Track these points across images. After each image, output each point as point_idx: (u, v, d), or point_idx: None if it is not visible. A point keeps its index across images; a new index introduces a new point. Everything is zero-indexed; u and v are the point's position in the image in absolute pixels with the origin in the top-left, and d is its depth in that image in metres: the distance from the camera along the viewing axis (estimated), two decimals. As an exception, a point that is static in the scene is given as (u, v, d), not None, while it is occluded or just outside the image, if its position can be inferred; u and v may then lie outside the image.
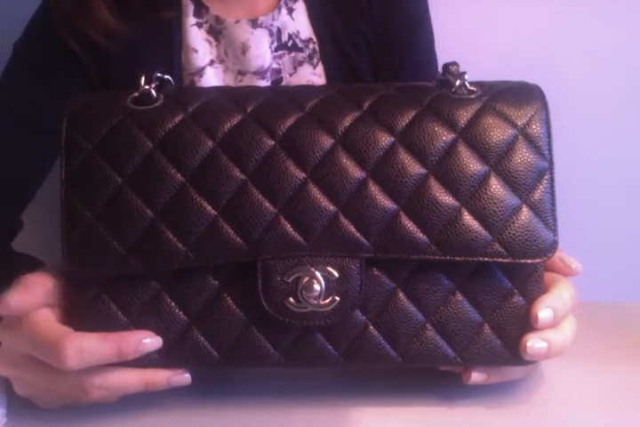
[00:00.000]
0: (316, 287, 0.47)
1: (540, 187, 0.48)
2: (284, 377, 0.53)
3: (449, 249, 0.47)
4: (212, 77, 0.75)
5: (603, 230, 0.95)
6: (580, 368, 0.55)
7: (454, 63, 0.52)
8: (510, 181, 0.48)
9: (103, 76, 0.75)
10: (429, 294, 0.48)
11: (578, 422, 0.49)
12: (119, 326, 0.48)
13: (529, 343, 0.48)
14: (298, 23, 0.75)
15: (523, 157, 0.48)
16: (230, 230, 0.47)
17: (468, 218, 0.47)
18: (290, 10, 0.75)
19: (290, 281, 0.47)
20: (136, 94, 0.51)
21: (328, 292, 0.47)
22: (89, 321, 0.48)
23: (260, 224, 0.47)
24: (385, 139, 0.48)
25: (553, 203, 0.48)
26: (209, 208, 0.47)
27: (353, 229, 0.47)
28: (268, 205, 0.47)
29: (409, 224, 0.47)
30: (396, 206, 0.47)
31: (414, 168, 0.48)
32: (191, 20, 0.74)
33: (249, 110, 0.49)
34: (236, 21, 0.74)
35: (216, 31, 0.75)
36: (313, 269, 0.47)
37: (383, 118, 0.49)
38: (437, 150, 0.48)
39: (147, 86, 0.51)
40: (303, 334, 0.48)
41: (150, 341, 0.48)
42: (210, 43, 0.75)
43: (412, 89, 0.51)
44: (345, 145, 0.48)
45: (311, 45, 0.76)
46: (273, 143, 0.48)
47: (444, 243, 0.47)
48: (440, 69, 0.53)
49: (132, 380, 0.48)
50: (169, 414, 0.50)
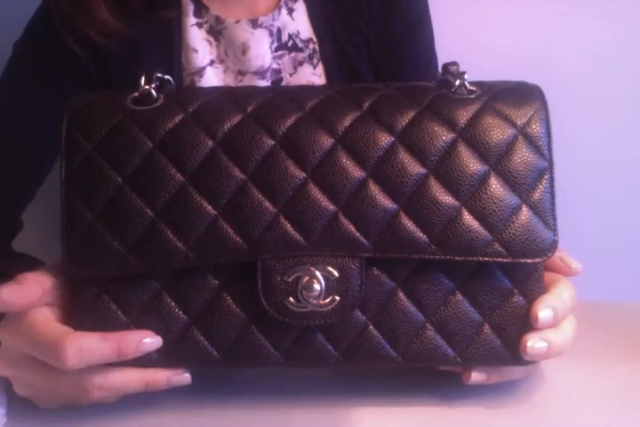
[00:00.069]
0: (316, 287, 0.47)
1: (540, 187, 0.48)
2: (283, 377, 0.53)
3: (449, 249, 0.47)
4: (212, 77, 0.75)
5: (603, 230, 0.95)
6: (580, 368, 0.55)
7: (454, 63, 0.52)
8: (510, 181, 0.48)
9: (103, 76, 0.75)
10: (429, 294, 0.48)
11: (578, 422, 0.49)
12: (119, 325, 0.48)
13: (529, 343, 0.48)
14: (298, 23, 0.75)
15: (522, 156, 0.48)
16: (230, 230, 0.47)
17: (467, 218, 0.47)
18: (290, 10, 0.75)
19: (290, 281, 0.47)
20: (136, 94, 0.51)
21: (328, 291, 0.47)
22: (89, 321, 0.48)
23: (260, 224, 0.47)
24: (385, 139, 0.48)
25: (553, 203, 0.48)
26: (209, 208, 0.47)
27: (353, 229, 0.47)
28: (267, 204, 0.47)
29: (409, 224, 0.47)
30: (395, 206, 0.47)
31: (414, 168, 0.48)
32: (191, 20, 0.74)
33: (249, 110, 0.49)
34: (237, 21, 0.74)
35: (216, 31, 0.75)
36: (313, 269, 0.47)
37: (383, 118, 0.49)
38: (437, 150, 0.48)
39: (147, 86, 0.51)
40: (303, 333, 0.48)
41: (150, 340, 0.48)
42: (210, 43, 0.75)
43: (412, 89, 0.51)
44: (345, 145, 0.48)
45: (311, 45, 0.76)
46: (273, 143, 0.48)
47: (443, 243, 0.47)
48: (440, 69, 0.53)
49: (132, 380, 0.48)
50: (169, 414, 0.49)
